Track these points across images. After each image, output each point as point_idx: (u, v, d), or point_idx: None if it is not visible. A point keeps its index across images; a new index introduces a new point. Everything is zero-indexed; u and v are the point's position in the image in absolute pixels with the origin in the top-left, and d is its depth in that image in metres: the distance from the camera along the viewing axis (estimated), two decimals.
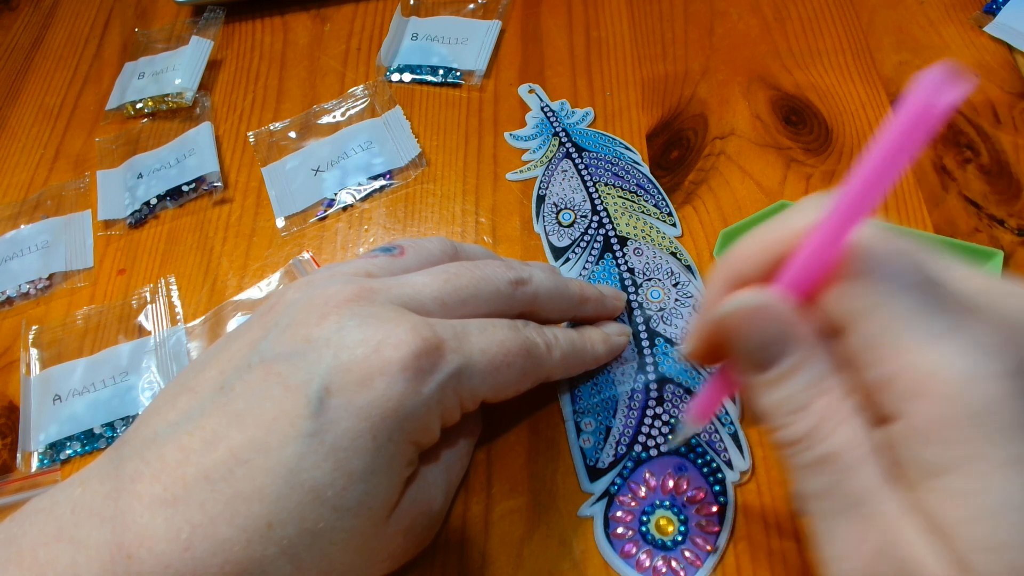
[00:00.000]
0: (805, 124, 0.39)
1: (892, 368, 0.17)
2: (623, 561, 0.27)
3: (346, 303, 0.23)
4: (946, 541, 0.16)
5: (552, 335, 0.28)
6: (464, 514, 0.29)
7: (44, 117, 0.48)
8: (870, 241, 0.17)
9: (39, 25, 0.54)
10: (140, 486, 0.20)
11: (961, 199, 0.36)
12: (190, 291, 0.39)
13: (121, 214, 0.42)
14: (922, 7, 0.44)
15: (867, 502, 0.17)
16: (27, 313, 0.39)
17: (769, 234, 0.19)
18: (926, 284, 0.17)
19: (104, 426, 0.34)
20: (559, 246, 0.37)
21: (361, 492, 0.22)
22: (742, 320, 0.19)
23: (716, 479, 0.29)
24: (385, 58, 0.46)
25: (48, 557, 0.20)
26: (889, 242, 0.17)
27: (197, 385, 0.23)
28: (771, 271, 0.19)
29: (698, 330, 0.22)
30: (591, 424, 0.31)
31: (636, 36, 0.45)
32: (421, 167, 0.41)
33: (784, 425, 0.19)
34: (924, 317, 0.16)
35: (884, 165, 0.15)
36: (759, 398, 0.19)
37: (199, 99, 0.46)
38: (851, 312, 0.17)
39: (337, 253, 0.39)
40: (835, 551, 0.18)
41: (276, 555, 0.20)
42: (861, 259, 0.17)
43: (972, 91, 0.15)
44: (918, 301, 0.17)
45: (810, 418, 0.18)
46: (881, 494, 0.17)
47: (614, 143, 0.40)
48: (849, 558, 0.17)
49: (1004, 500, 0.15)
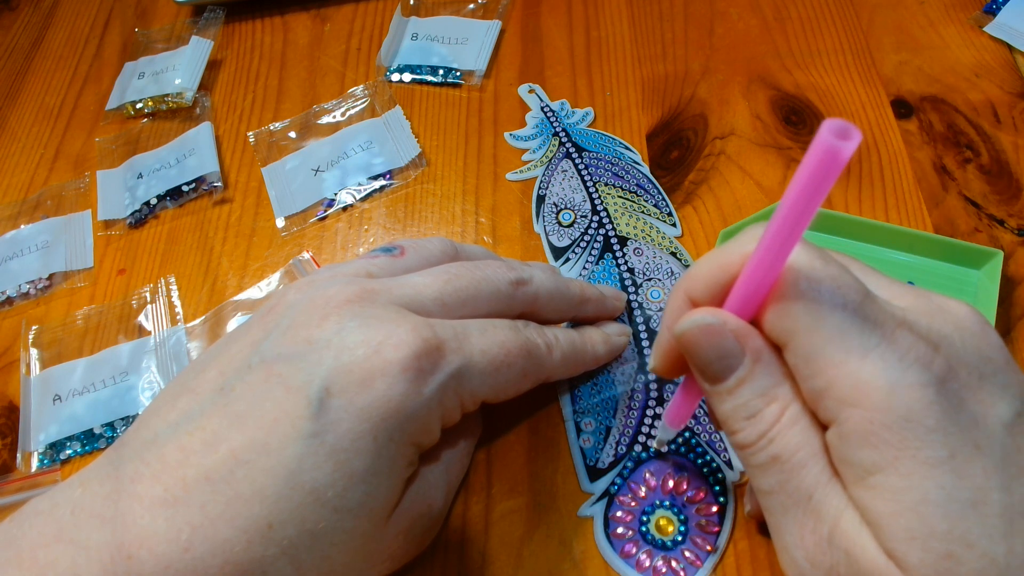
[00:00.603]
0: (805, 124, 0.39)
1: (826, 379, 0.18)
2: (623, 561, 0.27)
3: (347, 304, 0.23)
4: (879, 533, 0.18)
5: (552, 335, 0.28)
6: (464, 514, 0.29)
7: (44, 117, 0.48)
8: (806, 265, 0.19)
9: (39, 25, 0.54)
10: (140, 487, 0.20)
11: (961, 199, 0.36)
12: (190, 291, 0.39)
13: (121, 214, 0.42)
14: (922, 7, 0.44)
15: (812, 497, 0.19)
16: (27, 313, 0.39)
17: (720, 257, 0.21)
18: (856, 303, 0.18)
19: (104, 426, 0.34)
20: (559, 246, 0.37)
21: (362, 493, 0.22)
22: (695, 337, 0.21)
23: (716, 479, 0.29)
24: (385, 58, 0.46)
25: (48, 558, 0.20)
26: (823, 266, 0.19)
27: (197, 386, 0.23)
28: (723, 291, 0.21)
29: (660, 346, 0.24)
30: (591, 424, 0.31)
31: (636, 36, 0.45)
32: (421, 167, 0.41)
33: (739, 430, 0.21)
34: (853, 333, 0.18)
35: (801, 206, 0.17)
36: (716, 406, 0.21)
37: (199, 99, 0.46)
38: (788, 330, 0.19)
39: (337, 253, 0.39)
40: (787, 541, 0.20)
41: (276, 556, 0.20)
42: (796, 282, 0.19)
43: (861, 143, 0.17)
44: (848, 319, 0.18)
45: (761, 424, 0.20)
46: (825, 490, 0.19)
47: (614, 143, 0.40)
48: (799, 547, 0.19)
49: (925, 496, 0.17)
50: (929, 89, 0.40)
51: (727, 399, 0.21)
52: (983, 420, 0.18)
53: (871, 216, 0.36)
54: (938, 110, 0.39)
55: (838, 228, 0.34)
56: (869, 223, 0.33)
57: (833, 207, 0.36)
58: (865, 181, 0.37)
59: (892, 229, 0.33)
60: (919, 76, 0.41)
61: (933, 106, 0.39)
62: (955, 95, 0.39)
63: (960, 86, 0.40)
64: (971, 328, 0.19)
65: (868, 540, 0.18)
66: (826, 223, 0.34)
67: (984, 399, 0.18)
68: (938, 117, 0.39)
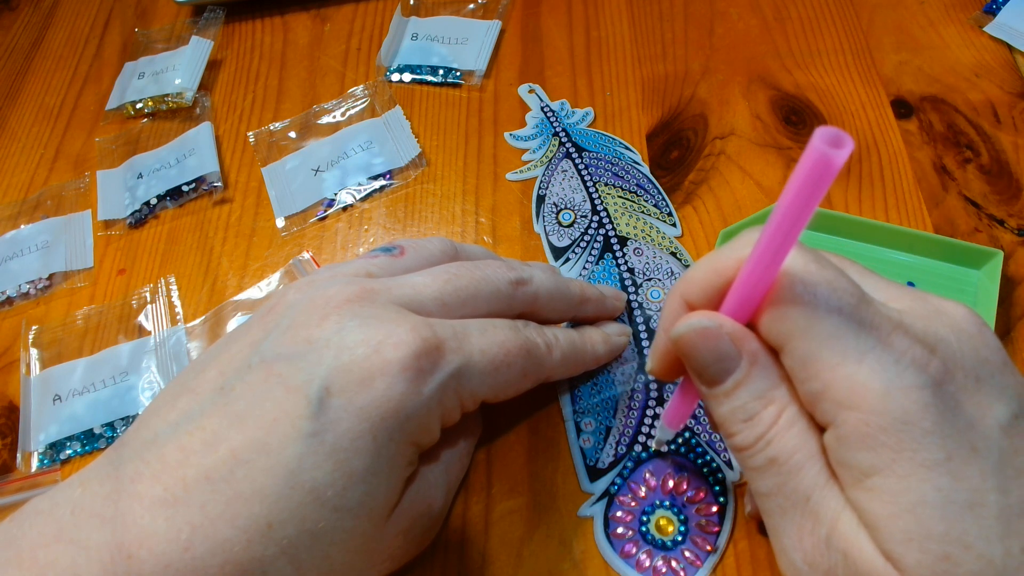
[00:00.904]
0: (805, 124, 0.39)
1: (823, 382, 0.18)
2: (623, 561, 0.27)
3: (347, 304, 0.23)
4: (876, 535, 0.18)
5: (552, 335, 0.28)
6: (464, 514, 0.29)
7: (44, 117, 0.48)
8: (801, 269, 0.19)
9: (39, 25, 0.54)
10: (140, 487, 0.20)
11: (961, 199, 0.36)
12: (190, 291, 0.39)
13: (121, 214, 0.42)
14: (922, 7, 0.44)
15: (810, 499, 0.19)
16: (27, 313, 0.39)
17: (715, 262, 0.21)
18: (852, 306, 0.19)
19: (104, 426, 0.34)
20: (559, 246, 0.37)
21: (361, 492, 0.22)
22: (691, 341, 0.21)
23: (716, 479, 0.29)
24: (385, 58, 0.46)
25: (48, 558, 0.20)
26: (819, 270, 0.19)
27: (197, 386, 0.23)
28: (719, 295, 0.21)
29: (657, 349, 0.24)
30: (591, 424, 0.31)
31: (636, 36, 0.45)
32: (421, 167, 0.41)
33: (736, 432, 0.21)
34: (849, 336, 0.18)
35: (795, 212, 0.17)
36: (714, 409, 0.21)
37: (199, 99, 0.46)
38: (784, 333, 0.19)
39: (337, 253, 0.39)
40: (785, 543, 0.20)
41: (276, 555, 0.20)
42: (792, 286, 0.19)
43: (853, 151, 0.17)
44: (843, 322, 0.18)
45: (758, 426, 0.20)
46: (823, 492, 0.19)
47: (614, 143, 0.40)
48: (797, 549, 0.20)
49: (922, 498, 0.17)
50: (929, 89, 0.40)
51: (724, 402, 0.21)
52: (980, 422, 0.18)
53: (871, 216, 0.36)
54: (938, 110, 0.39)
55: (838, 228, 0.34)
56: (869, 223, 0.33)
57: (833, 207, 0.36)
58: (865, 181, 0.37)
59: (892, 229, 0.33)
60: (919, 76, 0.41)
61: (933, 106, 0.39)
62: (955, 95, 0.39)
63: (960, 86, 0.40)
64: (968, 330, 0.19)
65: (866, 542, 0.18)
66: (826, 223, 0.34)
67: (981, 401, 0.18)
68: (938, 117, 0.39)
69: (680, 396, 0.25)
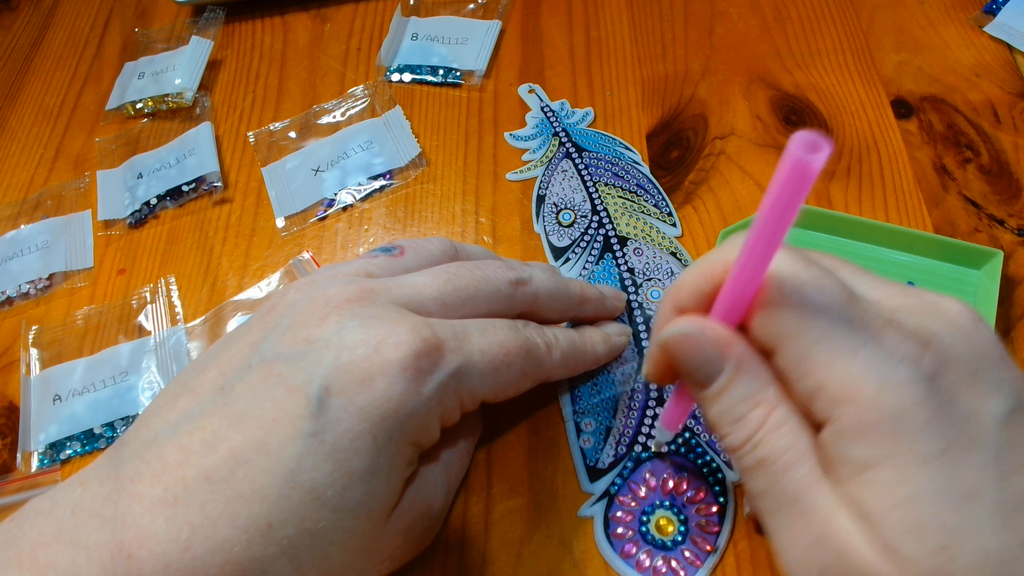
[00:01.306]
0: (805, 124, 0.39)
1: (816, 380, 0.19)
2: (623, 561, 0.27)
3: (346, 304, 0.23)
4: (874, 527, 0.18)
5: (552, 335, 0.28)
6: (464, 514, 0.29)
7: (44, 117, 0.48)
8: (788, 271, 0.19)
9: (39, 25, 0.54)
10: (140, 487, 0.20)
11: (961, 199, 0.36)
12: (190, 291, 0.39)
13: (121, 214, 0.42)
14: (922, 7, 0.44)
15: (802, 498, 0.19)
16: (27, 313, 0.39)
17: (703, 267, 0.21)
18: (840, 304, 0.19)
19: (104, 426, 0.34)
20: (559, 246, 0.37)
21: (361, 492, 0.22)
22: (677, 345, 0.21)
23: (716, 479, 0.29)
24: (385, 58, 0.46)
25: (48, 558, 0.20)
26: (806, 270, 0.19)
27: (197, 386, 0.23)
28: (708, 300, 0.21)
29: (651, 354, 0.24)
30: (591, 424, 0.31)
31: (636, 36, 0.45)
32: (421, 167, 0.41)
33: (727, 434, 0.21)
34: (840, 334, 0.18)
35: (776, 216, 0.17)
36: (705, 411, 0.22)
37: (199, 99, 0.46)
38: (776, 335, 0.20)
39: (337, 253, 0.39)
40: (781, 543, 0.20)
41: (276, 555, 0.20)
42: (780, 288, 0.19)
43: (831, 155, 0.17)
44: (833, 320, 0.19)
45: (748, 427, 0.20)
46: (815, 490, 0.19)
47: (614, 143, 0.40)
48: (793, 548, 0.20)
49: (919, 490, 0.17)
50: (929, 89, 0.40)
51: (713, 404, 0.21)
52: (977, 415, 0.18)
53: (871, 216, 0.36)
54: (938, 110, 0.39)
55: (838, 228, 0.34)
56: (869, 223, 0.33)
57: (833, 207, 0.36)
58: (865, 181, 0.37)
59: (892, 229, 0.33)
60: (919, 76, 0.41)
61: (933, 106, 0.39)
62: (955, 95, 0.39)
63: (960, 86, 0.40)
64: (963, 325, 0.19)
65: (859, 539, 0.18)
66: (826, 223, 0.34)
67: (978, 395, 0.18)
68: (938, 117, 0.39)
69: (676, 399, 0.26)
